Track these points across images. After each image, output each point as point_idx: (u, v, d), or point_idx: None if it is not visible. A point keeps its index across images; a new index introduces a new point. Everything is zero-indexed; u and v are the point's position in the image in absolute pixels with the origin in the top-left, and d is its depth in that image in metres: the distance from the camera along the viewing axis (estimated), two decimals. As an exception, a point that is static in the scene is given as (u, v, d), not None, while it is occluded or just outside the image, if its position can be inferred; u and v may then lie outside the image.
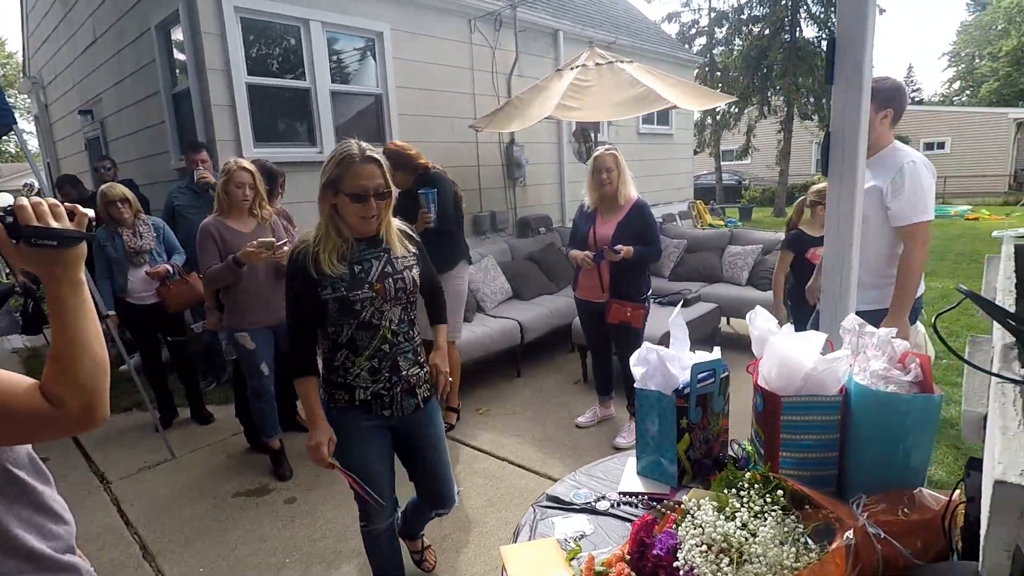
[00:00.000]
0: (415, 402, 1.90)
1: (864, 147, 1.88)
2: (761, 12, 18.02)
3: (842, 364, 1.25)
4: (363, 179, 1.68)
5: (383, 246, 1.82)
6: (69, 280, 0.90)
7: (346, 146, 1.72)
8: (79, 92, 7.58)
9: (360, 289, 1.74)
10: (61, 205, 0.91)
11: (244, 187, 3.07)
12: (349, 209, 1.70)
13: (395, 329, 1.83)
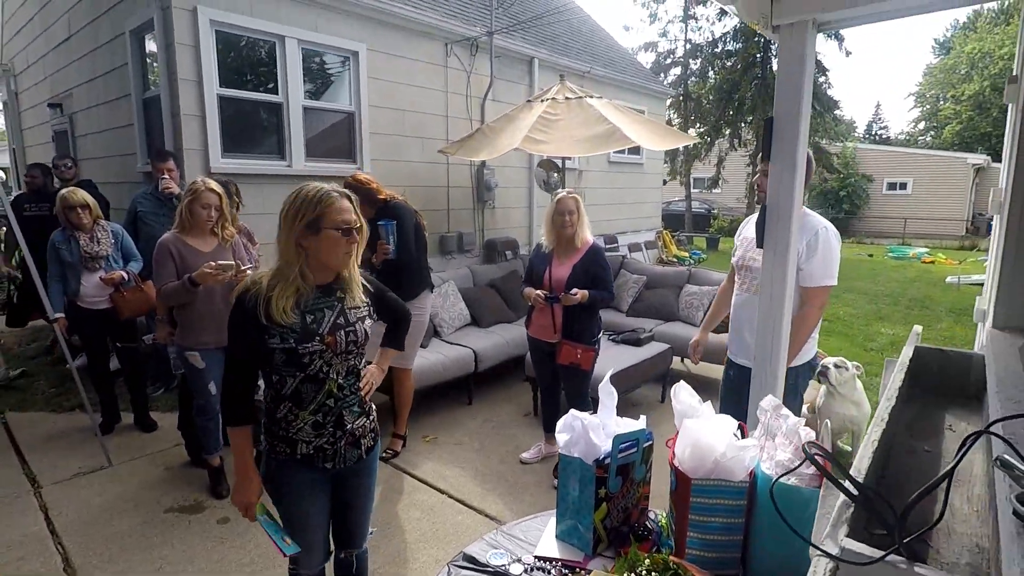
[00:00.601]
0: (359, 453, 1.87)
1: (797, 219, 1.98)
2: (734, 47, 18.56)
3: (751, 451, 1.31)
4: (345, 213, 1.69)
5: (336, 295, 1.77)
6: None
7: (315, 188, 1.70)
8: (50, 85, 7.42)
9: (311, 341, 1.68)
10: None
11: (210, 208, 3.05)
12: (334, 245, 1.67)
13: (341, 383, 1.78)
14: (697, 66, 20.02)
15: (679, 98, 19.67)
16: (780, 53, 1.89)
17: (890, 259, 15.75)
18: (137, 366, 4.14)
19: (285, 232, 1.68)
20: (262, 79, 5.25)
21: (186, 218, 3.04)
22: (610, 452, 1.48)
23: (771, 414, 1.39)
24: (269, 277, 1.69)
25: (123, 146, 5.70)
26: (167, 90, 4.73)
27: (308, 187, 1.70)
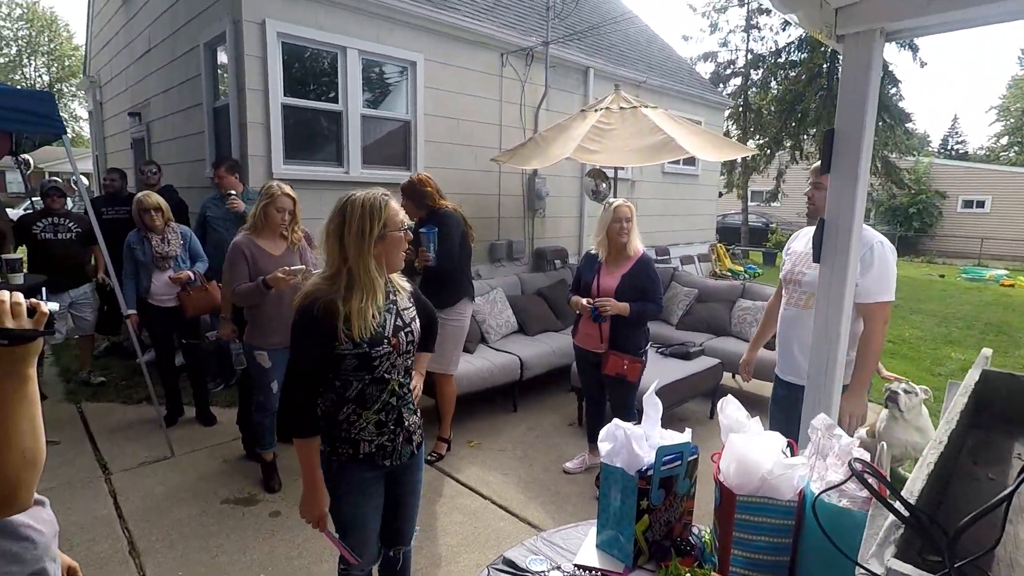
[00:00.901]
0: (411, 449, 1.92)
1: (857, 237, 1.90)
2: (799, 57, 18.02)
3: (800, 470, 1.27)
4: (400, 213, 1.79)
5: (390, 298, 1.83)
6: (16, 374, 0.94)
7: (369, 197, 1.73)
8: (131, 95, 7.92)
9: (380, 345, 1.74)
10: (24, 304, 0.94)
11: (284, 212, 3.19)
12: (397, 246, 1.77)
13: (401, 381, 1.85)
14: (759, 76, 19.54)
15: (738, 109, 19.24)
16: (844, 63, 1.83)
17: (964, 280, 14.88)
18: (200, 362, 4.34)
19: (355, 246, 1.69)
20: (323, 88, 5.45)
21: (260, 220, 3.17)
22: (653, 464, 1.46)
23: (823, 433, 1.35)
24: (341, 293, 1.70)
25: (194, 152, 6.02)
26: (235, 99, 4.98)
27: (359, 198, 1.73)
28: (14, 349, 0.92)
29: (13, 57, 33.31)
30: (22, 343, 0.93)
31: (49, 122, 3.28)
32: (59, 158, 21.34)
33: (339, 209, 1.73)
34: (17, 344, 0.92)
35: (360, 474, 1.84)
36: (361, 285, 1.70)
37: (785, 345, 2.65)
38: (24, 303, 0.94)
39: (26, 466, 0.94)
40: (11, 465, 0.92)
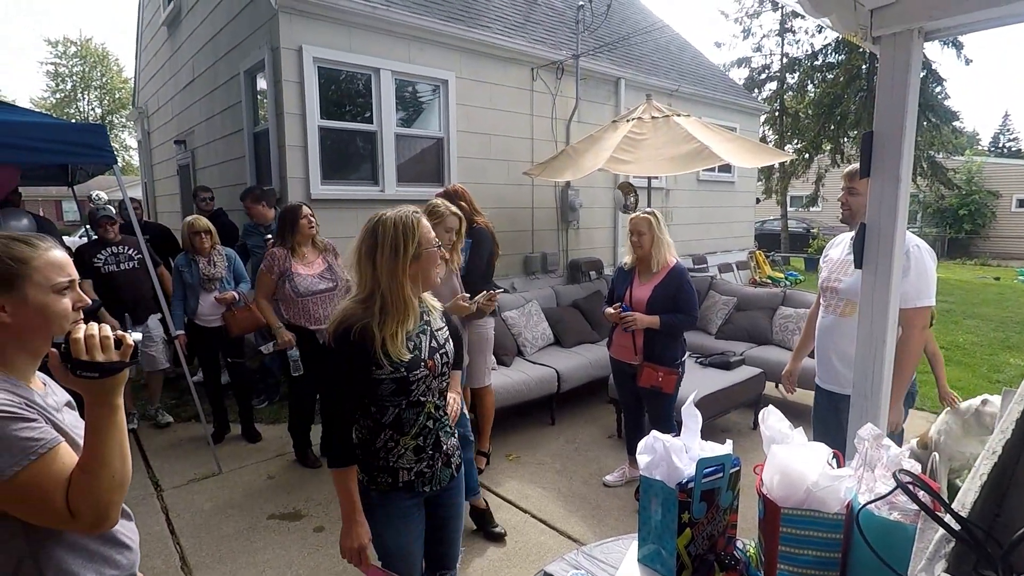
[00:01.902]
0: (451, 472, 1.87)
1: (901, 242, 1.85)
2: (836, 59, 17.62)
3: (846, 482, 1.24)
4: (430, 230, 1.75)
5: (424, 318, 1.79)
6: (107, 404, 1.01)
7: (400, 216, 1.69)
8: (176, 123, 8.28)
9: (417, 368, 1.69)
10: (112, 336, 1.01)
11: (451, 232, 3.07)
12: (432, 262, 1.73)
13: (437, 403, 1.80)
14: (795, 80, 19.17)
15: (774, 114, 18.91)
16: (881, 65, 1.79)
17: (1021, 283, 14.20)
18: (244, 380, 4.46)
19: (389, 268, 1.65)
20: (358, 109, 5.60)
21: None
22: (694, 476, 1.44)
23: (871, 444, 1.31)
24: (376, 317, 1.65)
25: (236, 177, 6.24)
26: (274, 124, 5.15)
27: (390, 218, 1.69)
28: (104, 380, 0.98)
29: (68, 92, 35.18)
30: (111, 375, 0.99)
31: (101, 153, 3.45)
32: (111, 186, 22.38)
33: (370, 230, 1.69)
34: (107, 376, 0.98)
35: (400, 503, 1.78)
36: (395, 308, 1.65)
37: (823, 353, 2.59)
38: (112, 336, 1.00)
39: (115, 488, 1.01)
40: (103, 488, 0.99)
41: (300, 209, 3.67)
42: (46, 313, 1.07)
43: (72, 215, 24.73)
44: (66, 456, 1.01)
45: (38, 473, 0.97)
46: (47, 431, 1.01)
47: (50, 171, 5.24)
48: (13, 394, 1.03)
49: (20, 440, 0.96)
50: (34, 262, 1.08)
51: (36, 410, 1.04)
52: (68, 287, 1.12)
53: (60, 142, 3.32)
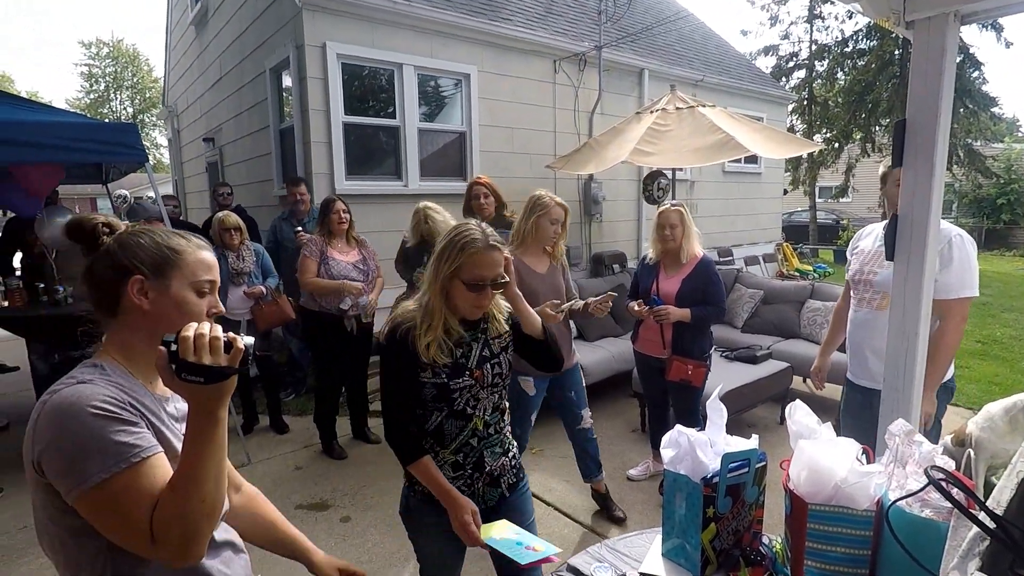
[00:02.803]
0: (499, 492, 1.76)
1: (935, 233, 1.80)
2: (867, 45, 17.16)
3: (876, 478, 1.21)
4: (484, 269, 1.59)
5: (480, 326, 1.71)
6: (209, 414, 0.89)
7: (467, 231, 1.62)
8: (205, 121, 8.44)
9: (460, 377, 1.64)
10: (222, 339, 0.89)
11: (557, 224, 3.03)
12: (462, 297, 1.61)
13: (487, 420, 1.71)
14: (824, 67, 18.73)
15: (803, 102, 18.51)
16: (915, 50, 1.73)
17: (1062, 274, 13.70)
18: (272, 373, 4.55)
19: (433, 270, 1.63)
20: (381, 105, 5.64)
21: (530, 234, 3.08)
22: (719, 471, 1.42)
23: (902, 440, 1.28)
24: (419, 313, 1.64)
25: (262, 173, 6.34)
26: (299, 120, 5.22)
27: (460, 229, 1.63)
28: (208, 387, 0.87)
29: (101, 93, 36.08)
30: (217, 381, 0.87)
31: (133, 152, 3.53)
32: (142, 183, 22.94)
33: (449, 230, 1.66)
34: (212, 382, 0.87)
35: (435, 514, 1.66)
36: (426, 314, 1.62)
37: (857, 348, 2.53)
38: (223, 337, 0.90)
39: (204, 515, 0.89)
40: (191, 512, 0.87)
41: (332, 204, 3.78)
42: (183, 308, 1.03)
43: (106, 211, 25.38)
44: (161, 470, 0.91)
45: (127, 484, 0.87)
46: (146, 438, 0.92)
47: (85, 169, 5.40)
48: (122, 391, 0.95)
49: (115, 444, 0.87)
50: (186, 255, 1.05)
51: (140, 414, 0.95)
52: (209, 290, 1.08)
53: (95, 141, 3.41)
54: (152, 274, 1.02)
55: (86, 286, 1.05)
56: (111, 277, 1.02)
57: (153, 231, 1.08)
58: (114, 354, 1.04)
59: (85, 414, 0.87)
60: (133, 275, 1.01)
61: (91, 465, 0.86)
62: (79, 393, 0.90)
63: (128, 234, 1.07)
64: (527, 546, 1.53)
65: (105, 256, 1.04)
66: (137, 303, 1.01)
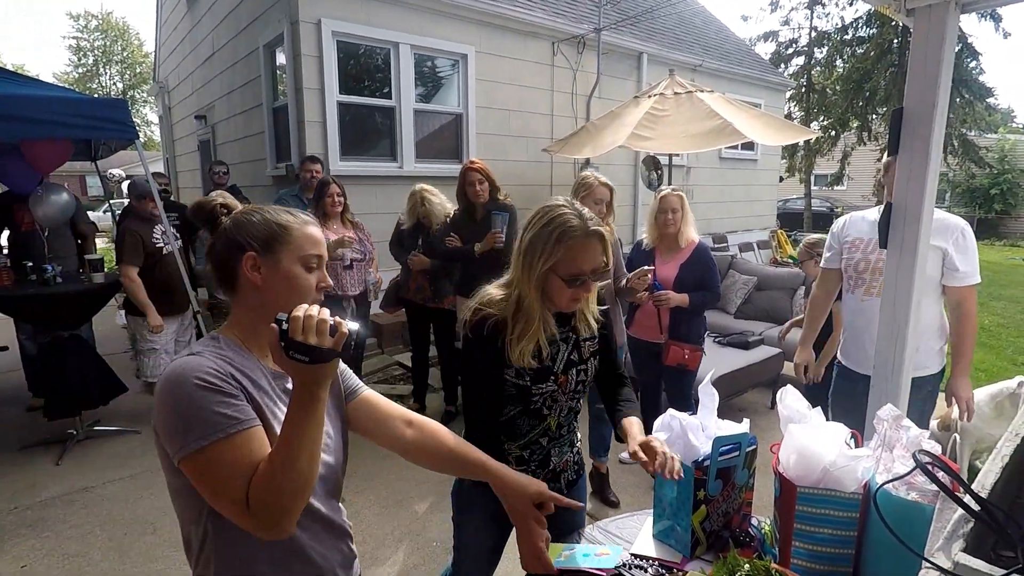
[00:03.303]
0: (558, 487, 1.66)
1: (928, 222, 1.81)
2: (867, 33, 17.07)
3: (864, 462, 1.23)
4: (585, 261, 1.40)
5: (571, 324, 1.57)
6: (310, 393, 0.92)
7: (561, 216, 1.41)
8: (196, 98, 8.32)
9: (545, 382, 1.52)
10: (329, 322, 0.92)
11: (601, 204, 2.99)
12: (559, 292, 1.43)
13: (561, 420, 1.62)
14: (823, 55, 18.63)
15: (801, 90, 18.44)
16: (914, 38, 1.73)
17: (1051, 264, 13.83)
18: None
19: (524, 264, 1.44)
20: (377, 85, 5.58)
21: None
22: (710, 454, 1.44)
23: (890, 424, 1.30)
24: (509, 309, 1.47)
25: (255, 152, 6.27)
26: (293, 99, 5.15)
27: (554, 213, 1.42)
28: (312, 367, 0.91)
29: (90, 67, 35.47)
30: (320, 363, 0.91)
31: (123, 128, 3.48)
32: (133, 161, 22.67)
33: (541, 218, 1.44)
34: (316, 363, 0.90)
35: (487, 503, 1.46)
36: (521, 314, 1.45)
37: (857, 336, 2.56)
38: (329, 321, 0.92)
39: (296, 491, 0.93)
40: (283, 487, 0.91)
41: (327, 187, 3.68)
42: (293, 284, 1.06)
43: (96, 190, 25.07)
44: (258, 443, 0.95)
45: (223, 453, 0.92)
46: (244, 410, 0.96)
47: (75, 146, 5.32)
48: (229, 364, 1.00)
49: (214, 414, 0.93)
50: (294, 231, 1.08)
51: (242, 387, 0.99)
52: (317, 265, 1.10)
53: (84, 116, 3.36)
54: (263, 250, 1.06)
55: (209, 265, 1.10)
56: (227, 255, 1.07)
57: (264, 209, 1.11)
58: (234, 328, 1.09)
59: (190, 385, 0.94)
60: (246, 252, 1.05)
61: (192, 433, 0.92)
62: (188, 365, 0.97)
63: (241, 212, 1.11)
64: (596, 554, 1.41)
65: (222, 235, 1.09)
66: (251, 278, 1.05)
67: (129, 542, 2.82)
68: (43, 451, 3.70)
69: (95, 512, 3.07)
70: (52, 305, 3.75)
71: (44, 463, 3.57)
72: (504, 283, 1.53)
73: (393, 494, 3.29)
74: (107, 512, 3.06)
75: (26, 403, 4.39)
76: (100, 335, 4.81)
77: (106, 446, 3.80)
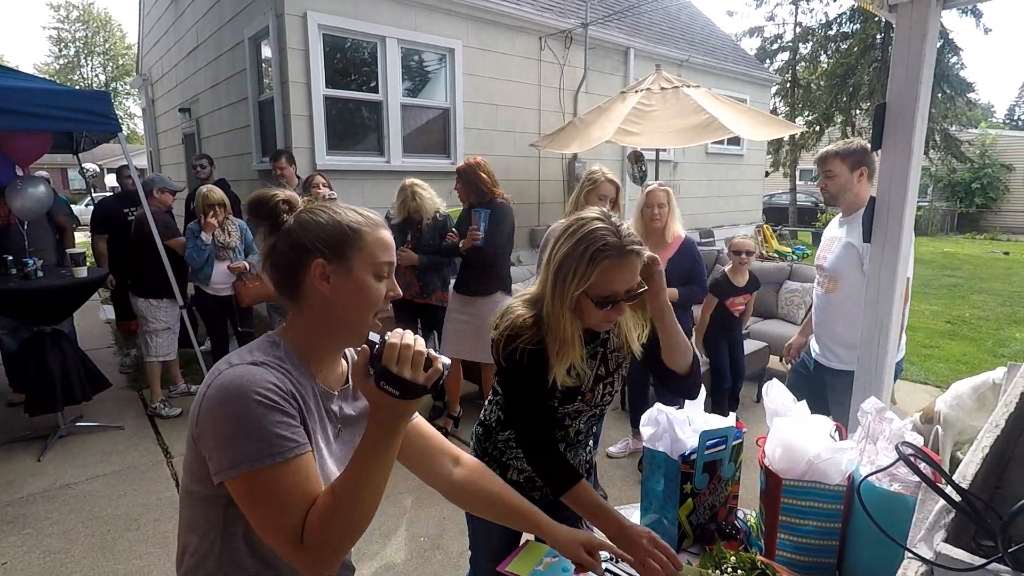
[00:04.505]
0: None
1: (911, 216, 1.84)
2: (851, 28, 17.22)
3: (848, 454, 1.25)
4: (620, 282, 1.26)
5: (600, 335, 1.48)
6: (390, 428, 0.86)
7: (596, 232, 1.26)
8: (180, 91, 8.20)
9: (572, 402, 1.46)
10: (425, 354, 0.85)
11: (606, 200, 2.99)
12: (590, 313, 1.31)
13: (580, 428, 1.57)
14: (808, 50, 18.78)
15: (786, 85, 18.59)
16: (897, 34, 1.75)
17: (1030, 258, 14.06)
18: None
19: (556, 285, 1.30)
20: (364, 79, 5.53)
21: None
22: (696, 448, 1.46)
23: (873, 417, 1.32)
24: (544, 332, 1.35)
25: (241, 146, 6.21)
26: (279, 92, 5.10)
27: (590, 229, 1.26)
28: (399, 402, 0.84)
29: (72, 58, 34.86)
30: (411, 398, 0.84)
31: (106, 120, 3.43)
32: (116, 154, 22.33)
33: (571, 234, 1.29)
34: (407, 398, 0.83)
35: None
36: (552, 338, 1.33)
37: (816, 328, 2.68)
38: (425, 354, 0.85)
39: (353, 531, 0.86)
40: (342, 524, 0.84)
41: (311, 179, 3.69)
42: (363, 294, 0.95)
43: (78, 183, 24.69)
44: (311, 469, 0.88)
45: (280, 477, 0.84)
46: (300, 433, 0.88)
47: (56, 138, 5.22)
48: (288, 380, 0.91)
49: (272, 435, 0.84)
50: (366, 236, 0.96)
51: (298, 407, 0.91)
52: (388, 272, 0.99)
53: (65, 108, 3.30)
54: (333, 256, 0.94)
55: (268, 267, 0.99)
56: (292, 259, 0.96)
57: (330, 207, 1.00)
58: (293, 337, 0.99)
59: (249, 398, 0.85)
60: (314, 257, 0.94)
61: (246, 451, 0.83)
62: (249, 375, 0.87)
63: (307, 211, 0.99)
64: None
65: (286, 235, 0.97)
66: (318, 287, 0.94)
67: (112, 539, 2.79)
68: (24, 447, 3.65)
69: (77, 509, 3.03)
70: (34, 299, 3.69)
71: (25, 459, 3.52)
72: (531, 300, 1.40)
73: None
74: (90, 509, 3.03)
75: (7, 398, 4.32)
76: (82, 330, 4.74)
77: (89, 442, 3.75)
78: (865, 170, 2.45)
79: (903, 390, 4.72)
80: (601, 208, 1.37)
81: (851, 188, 2.45)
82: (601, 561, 1.25)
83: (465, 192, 3.58)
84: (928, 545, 0.58)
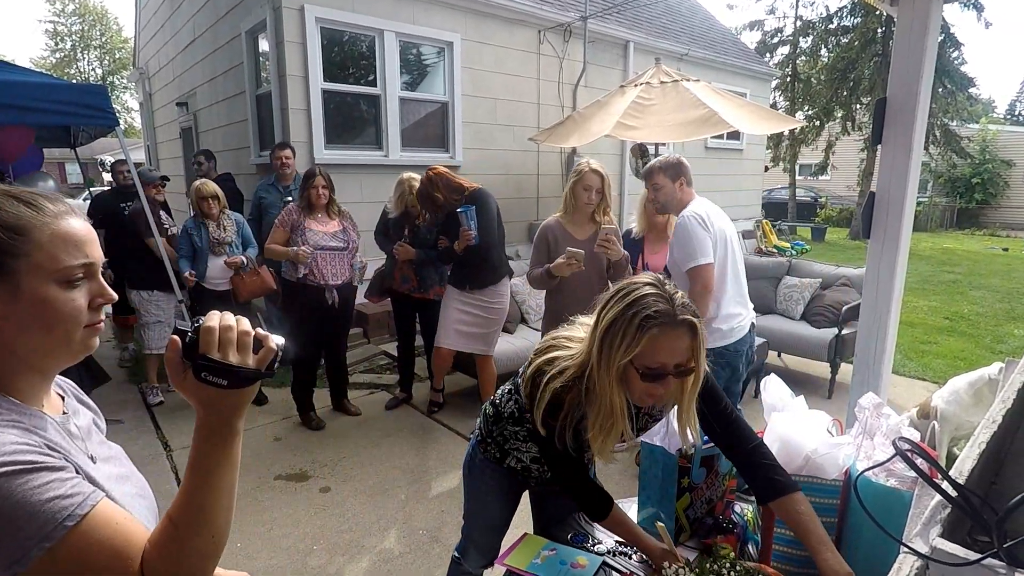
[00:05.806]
0: None
1: (911, 211, 1.83)
2: (852, 22, 17.14)
3: (845, 449, 1.25)
4: (668, 353, 1.18)
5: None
6: (226, 426, 0.73)
7: (645, 298, 1.18)
8: (178, 85, 8.17)
9: (587, 450, 1.39)
10: (252, 334, 0.73)
11: (591, 191, 2.97)
12: (634, 384, 1.23)
13: None
14: (808, 44, 18.70)
15: (786, 79, 18.52)
16: (898, 28, 1.74)
17: (1030, 253, 14.06)
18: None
19: (604, 350, 1.21)
20: (362, 72, 5.51)
21: (570, 202, 3.01)
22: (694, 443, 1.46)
23: (871, 412, 1.32)
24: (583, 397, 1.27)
25: (238, 140, 6.18)
26: (277, 86, 5.08)
27: (640, 295, 1.19)
28: (230, 392, 0.71)
29: (68, 52, 34.69)
30: (243, 385, 0.72)
31: (103, 115, 3.41)
32: (113, 148, 22.27)
33: (623, 297, 1.21)
34: (236, 387, 0.71)
35: (501, 480, 1.65)
36: (597, 409, 1.25)
37: None
38: (252, 334, 0.73)
39: (211, 554, 0.73)
40: (198, 550, 0.71)
41: (313, 179, 3.65)
42: (48, 313, 0.72)
43: (76, 177, 24.62)
44: (113, 512, 0.70)
45: (82, 544, 0.65)
46: (78, 484, 0.69)
47: (52, 133, 5.20)
48: (24, 430, 0.70)
49: (44, 503, 0.64)
50: (36, 234, 0.71)
51: (58, 450, 0.72)
52: (84, 274, 0.75)
53: (62, 103, 3.29)
54: None
55: None
56: None
57: None
58: None
59: None
60: None
61: (23, 540, 0.62)
62: None
63: None
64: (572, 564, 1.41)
65: None
66: None
67: (112, 534, 2.80)
68: (23, 443, 3.65)
69: (77, 505, 3.03)
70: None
71: (24, 456, 3.52)
72: (577, 361, 1.29)
73: (379, 482, 3.29)
74: (90, 504, 3.03)
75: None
76: (81, 326, 4.73)
77: (88, 438, 3.76)
78: (683, 179, 2.73)
79: (900, 386, 4.72)
80: (656, 275, 1.26)
81: (676, 196, 2.73)
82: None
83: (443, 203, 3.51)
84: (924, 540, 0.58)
